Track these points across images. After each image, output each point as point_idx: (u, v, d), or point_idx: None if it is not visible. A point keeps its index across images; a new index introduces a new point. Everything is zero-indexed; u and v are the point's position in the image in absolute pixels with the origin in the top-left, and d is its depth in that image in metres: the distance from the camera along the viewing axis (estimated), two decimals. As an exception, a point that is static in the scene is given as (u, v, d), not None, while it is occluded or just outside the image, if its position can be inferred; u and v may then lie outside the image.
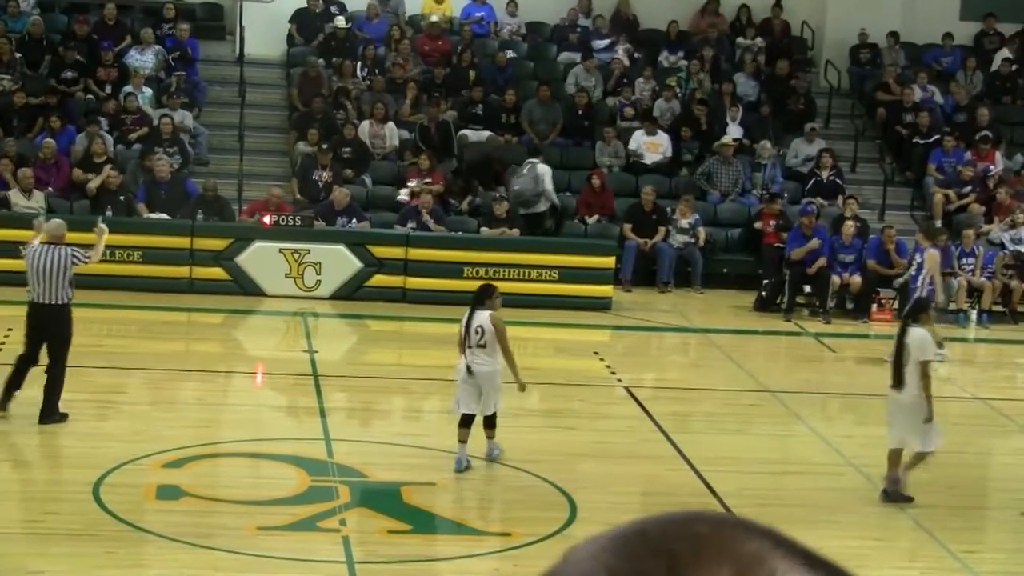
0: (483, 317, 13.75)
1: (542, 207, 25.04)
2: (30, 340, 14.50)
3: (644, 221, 24.52)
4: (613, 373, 18.31)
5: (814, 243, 22.77)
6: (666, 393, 16.87)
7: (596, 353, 19.55)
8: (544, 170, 25.08)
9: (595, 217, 25.03)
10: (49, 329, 14.47)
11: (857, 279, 23.00)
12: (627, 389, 17.36)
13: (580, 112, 27.09)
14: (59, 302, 14.43)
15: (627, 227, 24.46)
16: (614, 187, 25.69)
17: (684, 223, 24.18)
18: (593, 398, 17.23)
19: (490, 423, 13.90)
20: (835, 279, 22.95)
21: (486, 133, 26.59)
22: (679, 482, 14.07)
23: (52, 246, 14.69)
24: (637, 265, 24.10)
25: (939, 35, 29.94)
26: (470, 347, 13.75)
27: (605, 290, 22.59)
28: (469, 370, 13.67)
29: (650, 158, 26.44)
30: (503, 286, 22.03)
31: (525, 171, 25.01)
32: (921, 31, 29.96)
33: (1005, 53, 29.67)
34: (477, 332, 13.74)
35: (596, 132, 27.01)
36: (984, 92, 29.16)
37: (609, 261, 22.90)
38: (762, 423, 16.51)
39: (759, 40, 29.61)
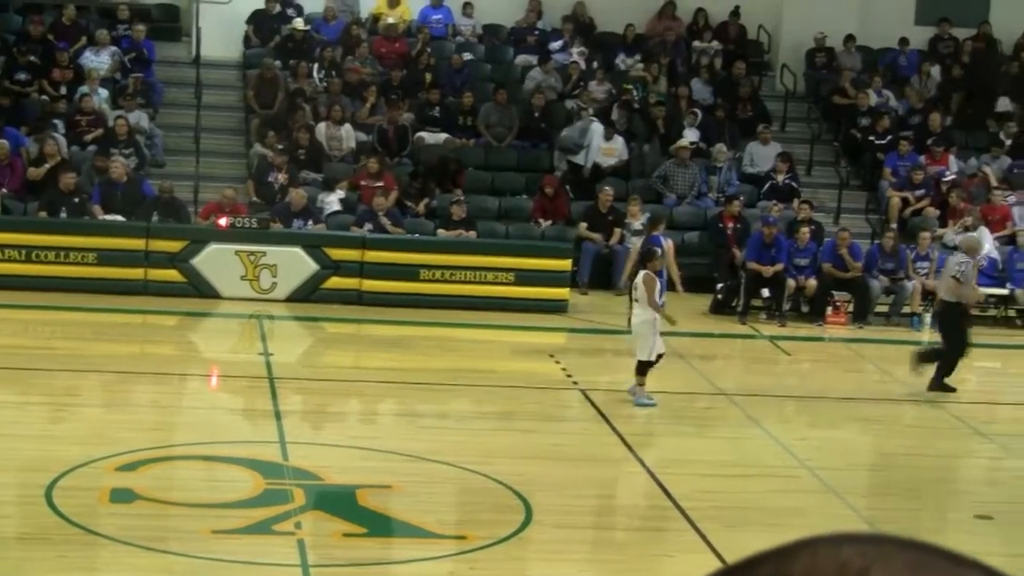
0: (639, 277, 16.21)
1: (581, 160, 26.24)
2: None
3: (600, 223, 24.58)
4: (569, 376, 18.31)
5: (778, 267, 22.90)
6: (622, 396, 16.86)
7: (552, 356, 19.56)
8: (596, 128, 26.35)
9: (548, 222, 25.08)
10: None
11: (812, 282, 23.10)
12: (583, 392, 17.37)
13: (537, 115, 27.13)
14: None
15: (583, 226, 24.51)
16: (571, 191, 25.74)
17: (637, 225, 24.25)
18: (549, 401, 17.23)
19: (639, 369, 16.27)
20: (790, 282, 23.04)
21: (443, 136, 26.59)
22: (635, 485, 14.10)
23: None
24: (593, 268, 24.15)
25: (895, 39, 30.11)
26: (631, 303, 16.55)
27: (561, 293, 22.61)
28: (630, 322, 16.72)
29: (605, 162, 26.48)
30: (459, 288, 22.24)
31: (580, 123, 26.41)
32: (877, 35, 30.13)
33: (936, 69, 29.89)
34: (635, 289, 16.26)
35: (553, 135, 27.06)
36: (938, 96, 29.32)
37: (565, 264, 22.92)
38: (717, 426, 16.54)
39: (715, 44, 29.71)
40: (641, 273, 16.24)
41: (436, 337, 20.73)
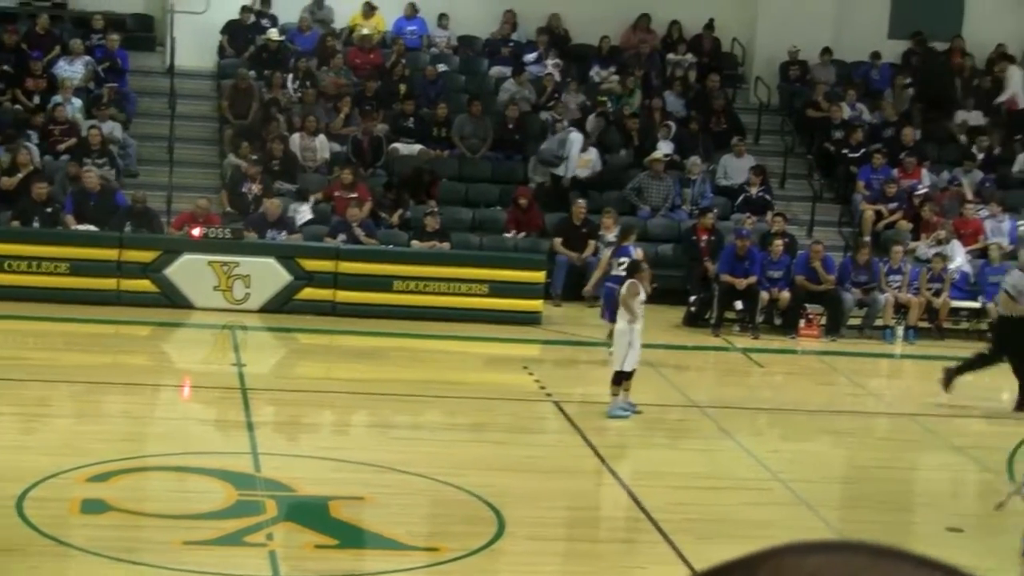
0: (624, 286, 16.50)
1: (561, 171, 26.08)
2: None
3: (574, 235, 24.59)
4: (542, 388, 18.31)
5: (751, 279, 22.96)
6: (595, 408, 16.86)
7: (526, 367, 19.55)
8: (575, 138, 26.25)
9: (521, 233, 25.08)
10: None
11: (786, 295, 23.14)
12: (556, 404, 17.37)
13: (511, 126, 27.15)
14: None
15: (557, 241, 24.52)
16: (544, 202, 25.72)
17: (611, 236, 24.25)
18: (522, 412, 17.23)
19: (614, 379, 16.31)
20: (764, 295, 23.09)
21: (417, 147, 26.58)
22: (608, 497, 14.11)
23: None
24: (567, 280, 24.16)
25: (868, 53, 30.21)
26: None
27: (535, 304, 22.61)
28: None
29: (580, 173, 26.50)
30: (432, 300, 22.22)
31: (558, 135, 26.32)
32: (850, 48, 30.21)
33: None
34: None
35: (528, 146, 27.08)
36: (910, 110, 29.42)
37: (539, 275, 22.92)
38: (690, 438, 16.56)
39: (690, 56, 29.77)
40: (628, 282, 16.38)
41: (409, 348, 20.71)
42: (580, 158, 26.52)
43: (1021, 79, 29.96)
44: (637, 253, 19.57)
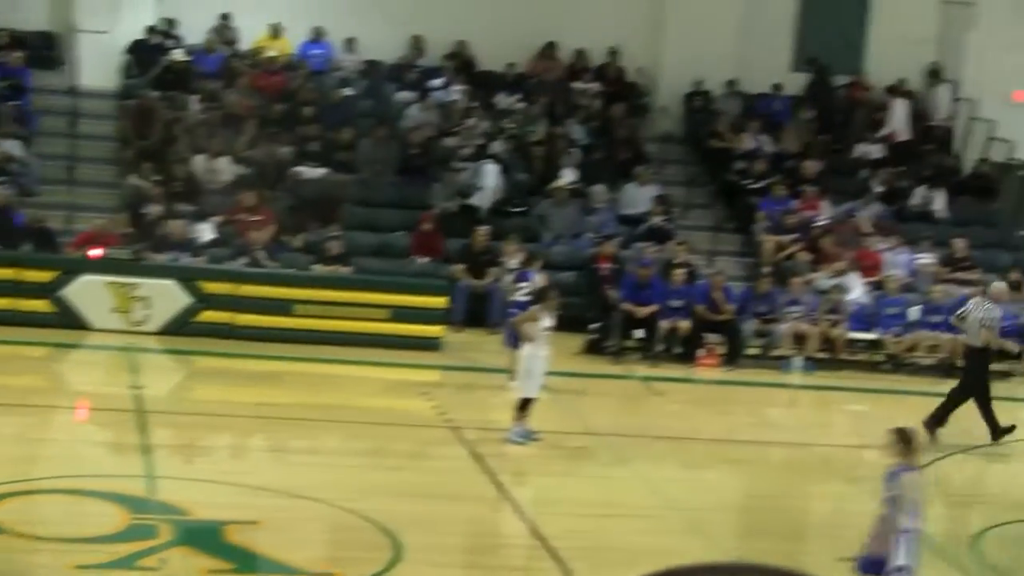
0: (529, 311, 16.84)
1: (477, 201, 26.28)
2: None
3: (475, 262, 24.60)
4: (442, 413, 18.30)
5: (652, 308, 23.14)
6: (494, 435, 16.88)
7: (425, 393, 19.52)
8: (490, 169, 26.48)
9: (425, 259, 25.06)
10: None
11: (685, 324, 23.29)
12: (455, 429, 17.37)
13: (416, 151, 27.14)
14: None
15: (459, 268, 24.53)
16: (449, 229, 25.69)
17: (513, 263, 24.24)
18: (421, 438, 17.22)
19: (519, 405, 16.47)
20: (664, 323, 23.22)
21: (322, 170, 26.50)
22: (505, 523, 14.13)
23: None
24: (468, 306, 24.17)
25: (771, 85, 30.49)
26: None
27: (436, 330, 22.60)
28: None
29: (484, 200, 26.49)
30: (333, 325, 22.13)
31: (473, 165, 26.69)
32: (754, 80, 30.47)
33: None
34: None
35: (432, 171, 27.07)
36: (811, 142, 29.69)
37: (440, 301, 22.89)
38: (589, 465, 16.61)
39: (595, 85, 29.90)
40: (530, 309, 16.48)
41: (309, 373, 20.65)
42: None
43: (905, 113, 30.41)
44: (539, 279, 19.61)
